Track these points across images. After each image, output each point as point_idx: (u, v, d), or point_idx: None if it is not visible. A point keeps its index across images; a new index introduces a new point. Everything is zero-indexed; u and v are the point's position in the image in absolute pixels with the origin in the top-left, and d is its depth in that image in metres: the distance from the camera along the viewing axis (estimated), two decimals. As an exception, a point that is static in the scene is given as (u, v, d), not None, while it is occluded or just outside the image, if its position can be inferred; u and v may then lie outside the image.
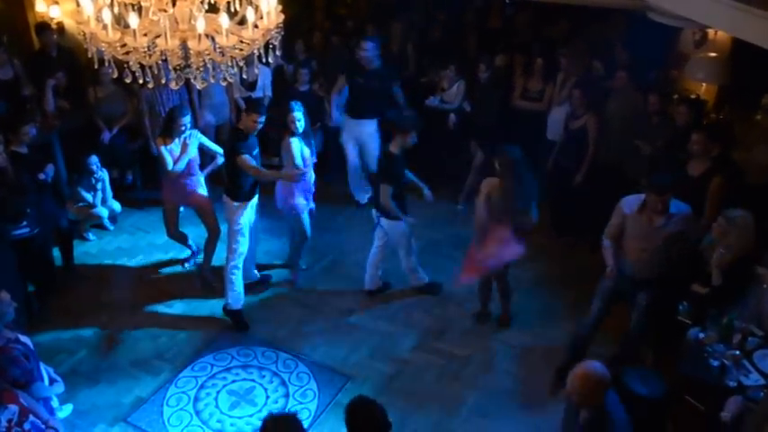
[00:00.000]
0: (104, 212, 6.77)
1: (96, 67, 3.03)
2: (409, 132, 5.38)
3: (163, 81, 3.03)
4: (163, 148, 5.72)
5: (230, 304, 5.71)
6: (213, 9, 3.06)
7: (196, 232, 6.46)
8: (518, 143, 6.88)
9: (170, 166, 5.73)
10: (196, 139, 5.87)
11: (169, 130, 5.73)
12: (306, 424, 4.86)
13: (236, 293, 5.69)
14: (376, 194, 5.80)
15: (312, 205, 6.02)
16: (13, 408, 3.54)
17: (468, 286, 6.21)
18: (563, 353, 5.12)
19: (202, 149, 6.01)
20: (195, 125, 6.14)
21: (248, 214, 5.63)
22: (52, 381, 4.28)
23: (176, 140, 5.74)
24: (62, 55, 7.00)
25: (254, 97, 6.97)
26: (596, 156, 6.39)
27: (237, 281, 5.68)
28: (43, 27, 6.96)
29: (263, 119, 5.33)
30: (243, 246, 5.62)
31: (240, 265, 5.69)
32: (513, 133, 7.03)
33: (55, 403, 4.28)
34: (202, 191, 6.05)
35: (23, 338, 4.07)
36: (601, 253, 4.94)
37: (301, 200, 5.86)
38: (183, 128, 5.69)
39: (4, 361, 3.80)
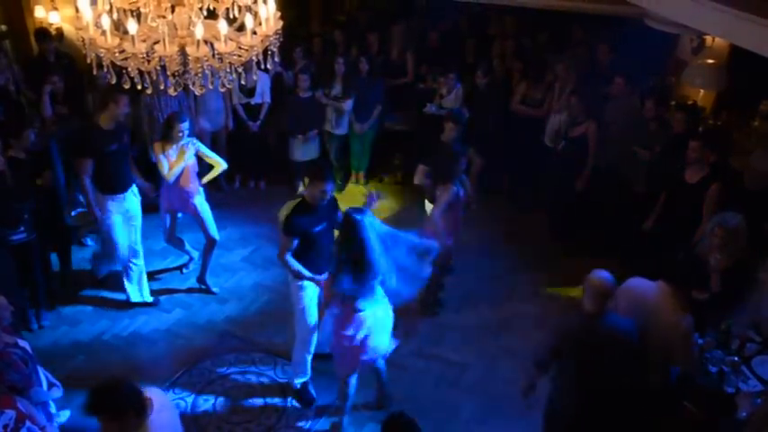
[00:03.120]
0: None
1: (95, 72, 3.04)
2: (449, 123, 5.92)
3: (161, 87, 3.04)
4: (160, 155, 5.72)
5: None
6: (212, 15, 3.07)
7: (194, 238, 6.45)
8: (516, 149, 6.94)
9: (165, 172, 5.73)
10: (194, 146, 5.85)
11: (167, 136, 5.73)
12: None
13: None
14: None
15: None
16: (11, 413, 3.52)
17: (468, 292, 6.22)
18: None
19: (201, 157, 5.99)
20: (192, 132, 6.13)
21: None
22: (51, 385, 4.26)
23: (174, 147, 5.74)
24: (61, 60, 7.01)
25: (254, 103, 7.00)
26: (595, 162, 6.41)
27: None
28: (42, 33, 6.97)
29: (330, 186, 4.61)
30: None
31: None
32: (511, 139, 7.07)
33: (52, 409, 4.26)
34: (201, 198, 6.04)
35: (22, 343, 4.06)
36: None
37: None
38: (182, 134, 5.68)
39: (2, 365, 3.79)
